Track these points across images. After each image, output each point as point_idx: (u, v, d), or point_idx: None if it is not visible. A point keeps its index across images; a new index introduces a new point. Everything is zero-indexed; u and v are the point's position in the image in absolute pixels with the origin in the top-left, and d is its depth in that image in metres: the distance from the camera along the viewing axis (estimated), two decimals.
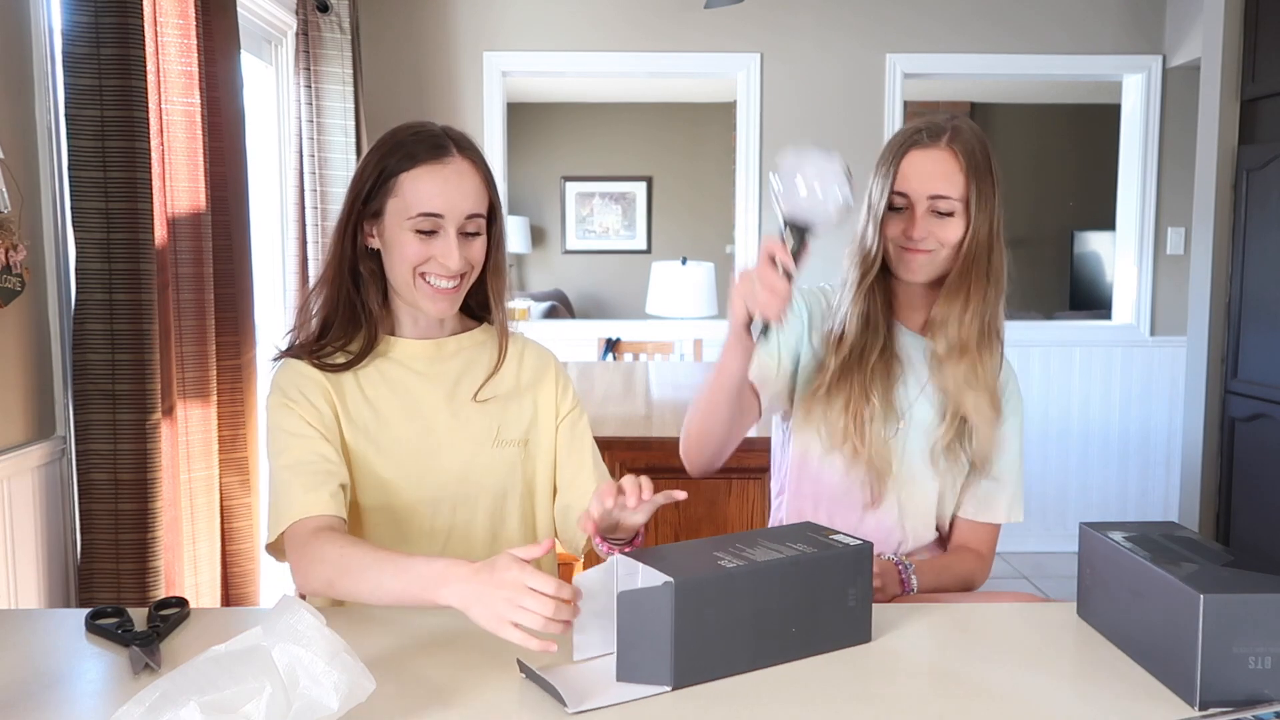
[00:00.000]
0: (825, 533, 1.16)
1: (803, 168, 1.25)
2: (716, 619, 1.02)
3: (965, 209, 1.46)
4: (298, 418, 1.33)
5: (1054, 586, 3.82)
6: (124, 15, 1.85)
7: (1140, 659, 1.05)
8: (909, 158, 1.47)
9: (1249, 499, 3.24)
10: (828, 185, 1.24)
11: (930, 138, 1.47)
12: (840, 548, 1.10)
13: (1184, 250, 4.22)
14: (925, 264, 1.48)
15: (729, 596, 1.02)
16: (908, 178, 1.46)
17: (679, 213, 7.67)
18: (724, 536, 1.15)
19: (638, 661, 1.00)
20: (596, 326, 4.43)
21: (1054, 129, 7.37)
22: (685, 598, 1.00)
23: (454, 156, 1.33)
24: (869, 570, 1.11)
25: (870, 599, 1.12)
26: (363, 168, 1.36)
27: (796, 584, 1.06)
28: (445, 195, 1.31)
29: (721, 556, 1.07)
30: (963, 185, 1.45)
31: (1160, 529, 1.15)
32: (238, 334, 2.37)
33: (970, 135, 1.48)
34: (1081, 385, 4.29)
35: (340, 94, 3.28)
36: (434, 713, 0.95)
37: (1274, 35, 3.13)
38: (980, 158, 1.47)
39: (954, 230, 1.46)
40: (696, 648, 1.01)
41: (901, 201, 1.47)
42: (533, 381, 1.47)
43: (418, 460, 1.37)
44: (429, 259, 1.32)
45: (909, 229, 1.46)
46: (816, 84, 4.10)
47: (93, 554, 1.89)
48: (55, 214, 1.89)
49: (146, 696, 0.80)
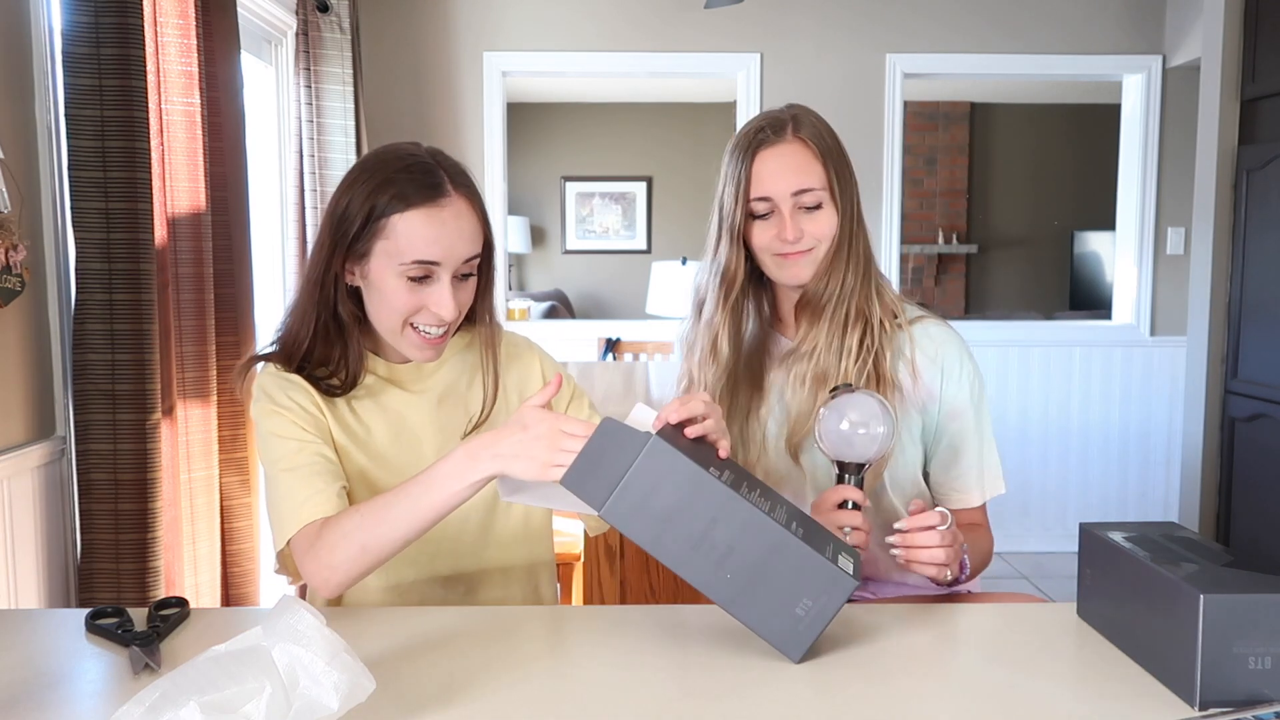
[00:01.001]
0: (844, 550, 1.12)
1: (847, 415, 1.28)
2: (667, 502, 1.04)
3: (831, 197, 1.41)
4: (289, 422, 1.27)
5: (1054, 586, 3.81)
6: (124, 15, 1.85)
7: (1140, 659, 1.05)
8: (760, 158, 1.41)
9: (1249, 499, 3.24)
10: (872, 426, 1.27)
11: (775, 133, 1.41)
12: (824, 559, 1.05)
13: (1184, 250, 4.22)
14: (808, 264, 1.43)
15: (693, 494, 1.04)
16: (763, 179, 1.41)
17: (679, 213, 7.68)
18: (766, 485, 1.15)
19: (585, 478, 1.05)
20: (596, 326, 4.42)
21: (1054, 129, 7.38)
22: (652, 458, 1.03)
23: (450, 196, 1.24)
24: (837, 601, 1.05)
25: (823, 626, 1.05)
26: (346, 200, 1.24)
27: (753, 548, 1.05)
28: (442, 242, 1.22)
29: (724, 472, 1.08)
30: (822, 173, 1.41)
31: (1160, 529, 1.15)
32: (238, 334, 2.37)
33: (814, 120, 1.44)
34: (1081, 385, 4.29)
35: (340, 94, 3.28)
36: (434, 713, 0.95)
37: (1274, 35, 3.13)
38: (830, 141, 1.43)
39: (825, 222, 1.42)
40: (638, 503, 1.04)
41: (764, 207, 1.42)
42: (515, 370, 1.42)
43: (408, 468, 1.32)
44: (420, 309, 1.25)
45: (781, 232, 1.41)
46: (816, 84, 4.10)
47: (93, 554, 1.89)
48: (55, 214, 1.89)
49: (146, 696, 0.80)
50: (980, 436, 1.50)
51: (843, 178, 1.42)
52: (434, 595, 1.37)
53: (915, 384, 1.46)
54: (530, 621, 1.22)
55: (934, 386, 1.47)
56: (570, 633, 1.19)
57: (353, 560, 1.16)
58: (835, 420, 1.28)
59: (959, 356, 1.48)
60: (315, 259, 1.29)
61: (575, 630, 1.20)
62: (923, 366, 1.46)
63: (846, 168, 1.44)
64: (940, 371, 1.47)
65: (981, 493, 1.51)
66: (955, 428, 1.48)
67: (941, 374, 1.47)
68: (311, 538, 1.20)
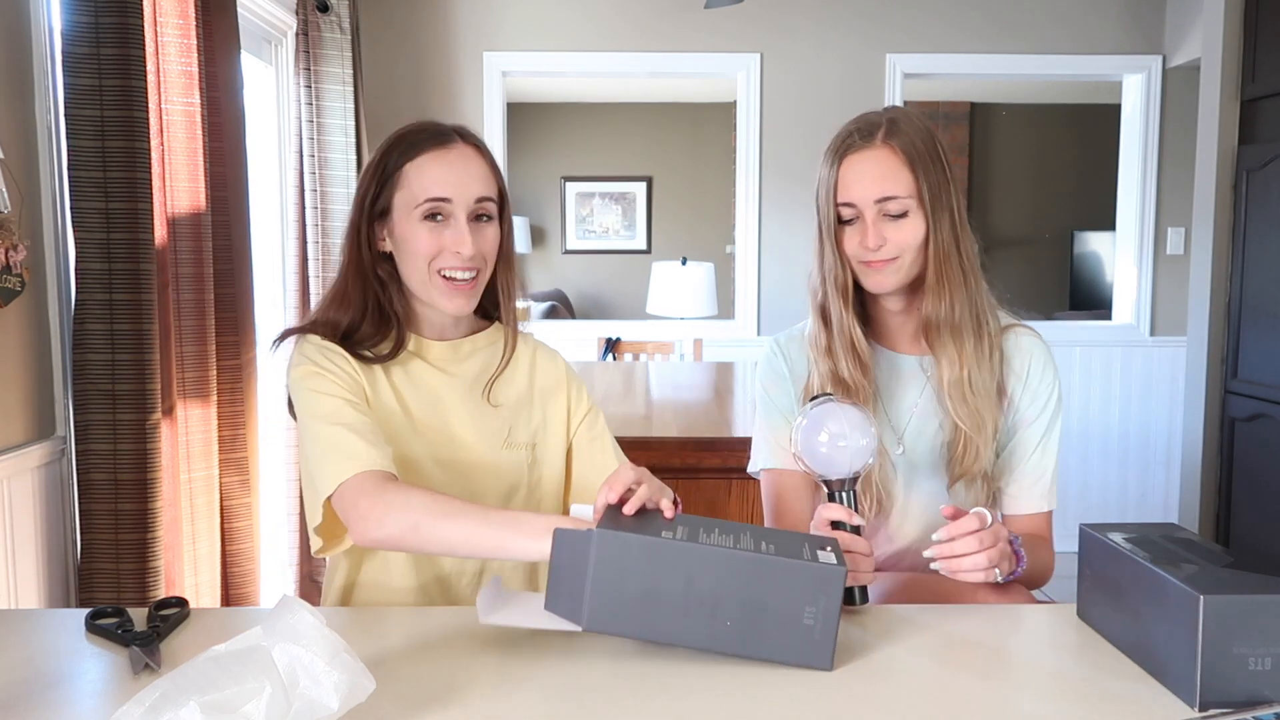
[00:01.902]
0: (819, 544, 1.11)
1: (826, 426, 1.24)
2: (637, 584, 1.03)
3: (919, 205, 1.38)
4: (334, 383, 1.28)
5: (1054, 587, 3.79)
6: (124, 15, 1.85)
7: (1140, 660, 1.05)
8: (846, 163, 1.39)
9: (1249, 499, 3.24)
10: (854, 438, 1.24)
11: (864, 138, 1.39)
12: (804, 562, 1.04)
13: (1184, 250, 4.22)
14: (891, 273, 1.40)
15: (656, 564, 1.03)
16: (849, 185, 1.39)
17: (679, 213, 7.68)
18: (724, 521, 1.13)
19: (561, 595, 1.05)
20: (596, 326, 4.43)
21: (1054, 129, 7.38)
22: (606, 548, 1.03)
23: (457, 142, 1.32)
24: (836, 595, 1.03)
25: (835, 624, 1.04)
26: (366, 170, 1.35)
27: (737, 580, 1.03)
28: (452, 179, 1.30)
29: (677, 530, 1.07)
30: (909, 181, 1.37)
31: (1160, 530, 1.15)
32: (238, 334, 2.37)
33: (909, 126, 1.39)
34: (1081, 385, 4.29)
35: (340, 94, 3.28)
36: (434, 713, 0.95)
37: (1274, 35, 3.13)
38: (924, 147, 1.38)
39: (911, 231, 1.38)
40: (613, 599, 1.03)
41: (850, 212, 1.40)
42: (545, 390, 1.46)
43: (436, 459, 1.36)
44: (441, 250, 1.30)
45: (864, 239, 1.39)
46: (816, 84, 4.10)
47: (93, 554, 1.89)
48: (55, 214, 1.89)
49: (146, 696, 0.80)
50: (1044, 450, 1.49)
51: (935, 185, 1.38)
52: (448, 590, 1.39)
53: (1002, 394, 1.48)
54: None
55: (1015, 394, 1.49)
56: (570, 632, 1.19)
57: (405, 529, 1.16)
58: (814, 432, 1.25)
59: (1041, 368, 1.49)
60: (350, 237, 1.35)
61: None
62: (1006, 375, 1.48)
63: (942, 175, 1.39)
64: (1022, 382, 1.48)
65: (1032, 503, 1.50)
66: (1022, 434, 1.49)
67: (1023, 384, 1.48)
68: (374, 483, 1.19)
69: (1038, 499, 1.50)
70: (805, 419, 1.26)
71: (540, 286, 7.64)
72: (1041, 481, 1.50)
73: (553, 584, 1.05)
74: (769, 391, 1.54)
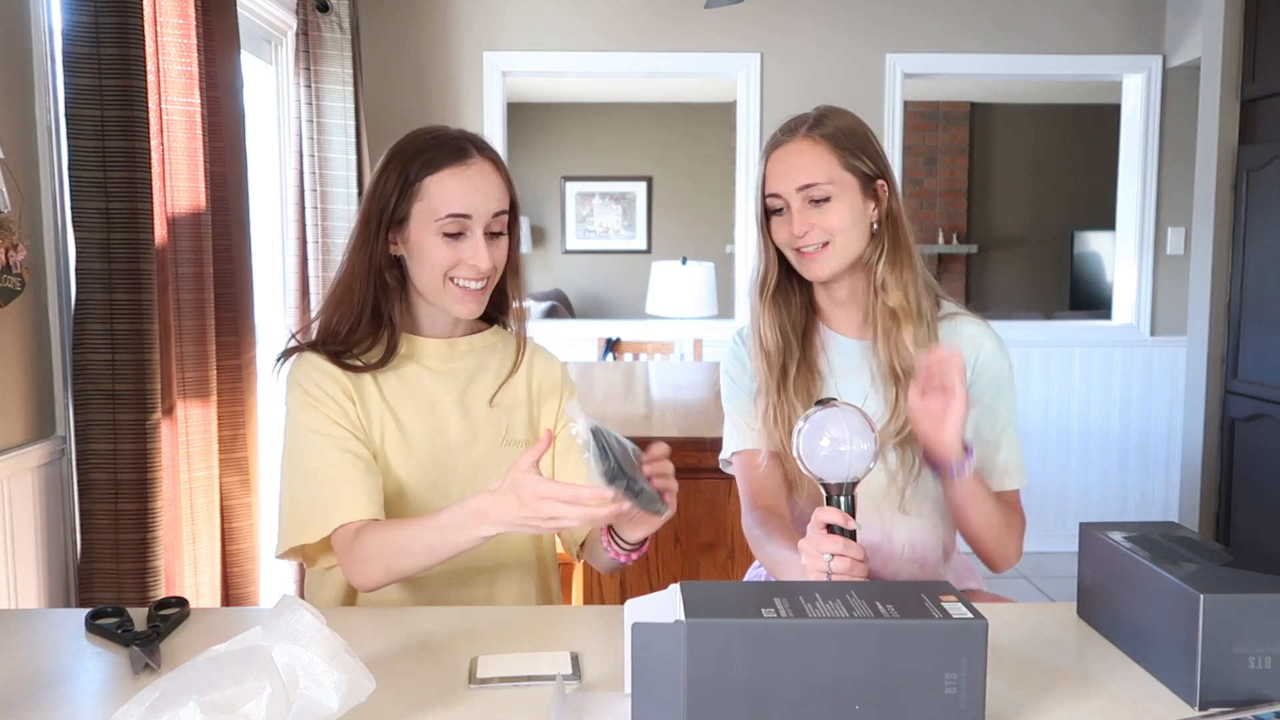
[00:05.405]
0: (941, 595, 0.95)
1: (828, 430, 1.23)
2: (745, 675, 0.87)
3: (843, 190, 1.43)
4: (323, 416, 1.33)
5: (1054, 586, 3.82)
6: (124, 15, 1.85)
7: (1140, 659, 1.05)
8: (773, 158, 1.46)
9: (1249, 499, 3.24)
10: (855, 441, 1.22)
11: (787, 134, 1.46)
12: (940, 621, 0.89)
13: (1184, 250, 4.22)
14: (824, 261, 1.44)
15: (764, 652, 0.87)
16: (775, 177, 1.45)
17: (679, 213, 7.68)
18: (810, 583, 1.00)
19: (650, 701, 0.88)
20: (596, 326, 4.43)
21: (1054, 129, 7.38)
22: (701, 643, 0.87)
23: (475, 158, 1.35)
24: (980, 655, 0.89)
25: (982, 689, 0.89)
26: (384, 178, 1.35)
27: (864, 654, 0.88)
28: (471, 196, 1.32)
29: (775, 603, 0.91)
30: (831, 167, 1.42)
31: (1160, 529, 1.15)
32: (238, 334, 2.37)
33: (836, 119, 1.46)
34: (1081, 385, 4.29)
35: (340, 94, 3.28)
36: (434, 712, 0.95)
37: (1274, 35, 3.13)
38: (848, 138, 1.44)
39: (835, 216, 1.42)
40: (716, 698, 0.87)
41: (777, 203, 1.46)
42: (542, 392, 1.49)
43: (433, 461, 1.38)
44: (458, 262, 1.33)
45: (791, 227, 1.44)
46: (816, 84, 4.10)
47: (93, 554, 1.89)
48: (55, 214, 1.89)
49: (146, 696, 0.80)
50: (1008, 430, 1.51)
51: (864, 173, 1.44)
52: (451, 593, 1.40)
53: None
54: (530, 621, 1.22)
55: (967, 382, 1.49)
56: (571, 632, 1.19)
57: (383, 575, 1.25)
58: (815, 437, 1.25)
59: (990, 354, 1.51)
60: (359, 239, 1.37)
61: (575, 630, 1.20)
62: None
63: (870, 161, 1.45)
64: (972, 369, 1.49)
65: (998, 482, 1.51)
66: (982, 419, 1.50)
67: (973, 371, 1.48)
68: (346, 540, 1.27)
69: (1003, 478, 1.51)
70: (807, 423, 1.26)
71: (540, 286, 7.63)
72: (1008, 461, 1.51)
73: (638, 685, 0.89)
74: (733, 378, 1.58)
